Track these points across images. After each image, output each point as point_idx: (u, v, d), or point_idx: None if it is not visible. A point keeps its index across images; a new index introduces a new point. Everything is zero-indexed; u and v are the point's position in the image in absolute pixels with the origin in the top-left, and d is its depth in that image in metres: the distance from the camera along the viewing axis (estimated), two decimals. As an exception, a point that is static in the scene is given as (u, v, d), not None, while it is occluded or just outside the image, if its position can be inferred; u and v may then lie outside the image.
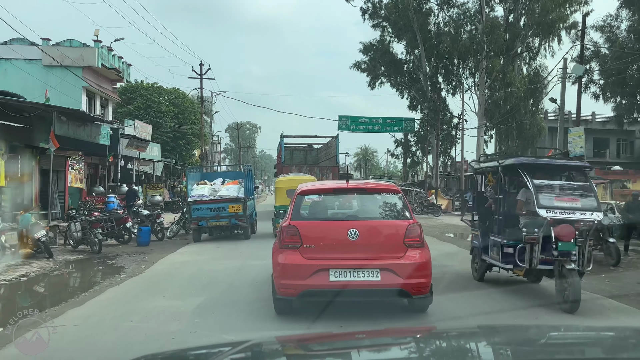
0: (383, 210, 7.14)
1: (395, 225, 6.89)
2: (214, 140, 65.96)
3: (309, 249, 6.58)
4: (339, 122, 40.85)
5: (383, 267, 6.45)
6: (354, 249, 6.54)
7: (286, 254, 6.66)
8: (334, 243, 6.64)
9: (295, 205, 7.01)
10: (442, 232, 21.47)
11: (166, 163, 34.77)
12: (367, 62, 40.53)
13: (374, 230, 6.85)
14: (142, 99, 43.22)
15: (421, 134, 40.63)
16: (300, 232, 6.64)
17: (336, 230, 6.78)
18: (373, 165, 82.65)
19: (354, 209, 7.47)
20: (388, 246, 6.72)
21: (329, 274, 6.41)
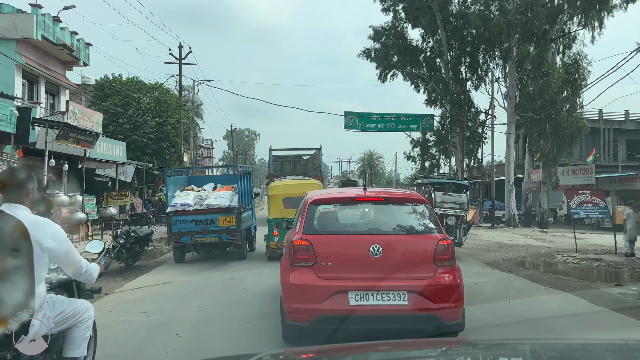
0: (409, 222, 6.13)
1: (423, 241, 5.92)
2: (205, 143, 59.11)
3: (324, 267, 5.58)
4: (345, 120, 34.33)
5: (411, 289, 5.46)
6: (377, 267, 5.55)
7: (298, 272, 5.67)
8: (354, 260, 5.64)
9: (307, 216, 5.94)
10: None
11: (139, 167, 27.86)
12: (379, 50, 33.77)
13: (400, 246, 5.86)
14: (120, 95, 36.55)
15: (442, 132, 33.76)
16: (315, 248, 5.64)
17: (356, 246, 5.76)
18: (378, 171, 75.76)
19: (375, 222, 6.25)
20: (416, 264, 5.70)
21: (349, 297, 5.40)
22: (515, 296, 9.06)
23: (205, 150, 60.04)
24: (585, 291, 9.59)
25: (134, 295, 9.45)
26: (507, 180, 33.72)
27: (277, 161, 30.08)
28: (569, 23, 32.75)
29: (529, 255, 15.90)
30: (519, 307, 8.08)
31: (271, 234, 13.18)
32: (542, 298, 9.05)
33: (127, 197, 24.22)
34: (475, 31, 32.75)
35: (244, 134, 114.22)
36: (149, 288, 10.16)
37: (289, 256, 5.91)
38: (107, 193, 24.10)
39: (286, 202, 13.16)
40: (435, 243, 5.74)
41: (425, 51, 34.98)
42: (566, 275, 11.96)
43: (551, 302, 8.74)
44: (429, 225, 6.03)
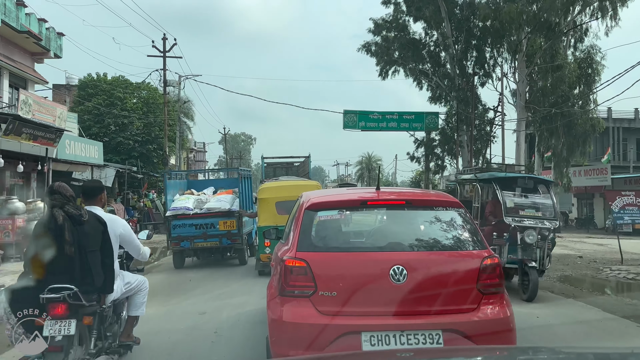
0: (440, 234, 4.52)
1: (462, 259, 4.33)
2: (197, 147, 56.43)
3: (327, 298, 4.06)
4: (344, 119, 31.80)
5: (447, 328, 4.00)
6: (401, 297, 4.05)
7: (291, 305, 4.14)
8: (369, 288, 4.11)
9: (303, 227, 4.39)
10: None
11: (120, 170, 25.20)
12: (379, 44, 31.20)
13: (431, 268, 4.24)
14: (105, 95, 33.97)
15: (447, 131, 31.20)
16: (314, 271, 4.13)
17: (371, 268, 4.19)
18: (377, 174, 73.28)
19: (395, 233, 4.61)
20: (453, 293, 4.15)
21: (362, 340, 3.92)
22: (602, 337, 6.34)
23: (197, 154, 57.36)
24: None
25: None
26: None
27: (270, 167, 30.41)
28: (581, 14, 30.43)
29: (566, 267, 13.28)
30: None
31: (262, 244, 11.50)
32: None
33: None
34: (482, 23, 30.39)
35: (240, 138, 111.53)
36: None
37: (278, 281, 4.36)
38: (81, 199, 21.38)
39: (280, 206, 11.41)
40: (479, 263, 4.27)
41: (428, 45, 32.51)
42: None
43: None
44: (468, 238, 4.51)
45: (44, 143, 14.83)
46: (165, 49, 27.69)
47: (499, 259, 4.49)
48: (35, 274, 4.38)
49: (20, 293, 4.36)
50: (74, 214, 4.50)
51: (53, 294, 4.27)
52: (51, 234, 4.41)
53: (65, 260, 4.39)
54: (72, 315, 4.33)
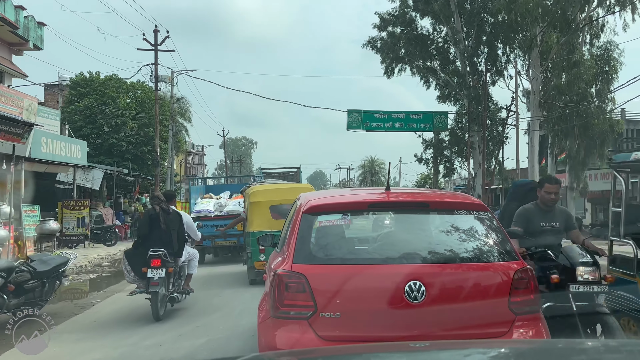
0: (463, 243, 3.76)
1: (491, 272, 3.58)
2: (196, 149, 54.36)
3: (330, 319, 3.36)
4: (348, 119, 29.78)
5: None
6: (418, 319, 3.36)
7: (286, 329, 3.44)
8: (379, 308, 3.40)
9: (300, 234, 3.65)
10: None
11: (108, 172, 23.11)
12: (385, 39, 29.17)
13: (453, 283, 3.52)
14: (97, 94, 31.94)
15: (457, 132, 29.11)
16: (313, 286, 3.41)
17: (383, 284, 3.46)
18: (380, 179, 70.99)
19: (411, 242, 3.88)
20: (481, 313, 3.47)
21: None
22: None
23: (196, 157, 55.32)
24: None
25: None
26: (530, 186, 29.05)
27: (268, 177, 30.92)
28: (598, 9, 28.47)
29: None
30: None
31: (256, 250, 10.33)
32: None
33: (87, 207, 19.43)
34: (494, 18, 28.41)
35: (241, 142, 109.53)
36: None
37: (272, 299, 3.55)
38: (62, 203, 19.32)
39: (274, 210, 10.77)
40: (511, 276, 3.48)
41: (436, 41, 30.51)
42: None
43: None
44: (497, 247, 3.69)
45: (8, 139, 12.79)
46: (156, 42, 25.62)
47: (532, 271, 3.72)
48: (144, 242, 7.70)
49: (134, 254, 7.74)
50: (165, 208, 7.82)
51: (155, 252, 7.40)
52: (153, 219, 7.75)
53: (160, 235, 7.60)
54: (163, 266, 7.35)
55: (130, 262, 7.69)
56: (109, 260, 16.23)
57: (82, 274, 13.00)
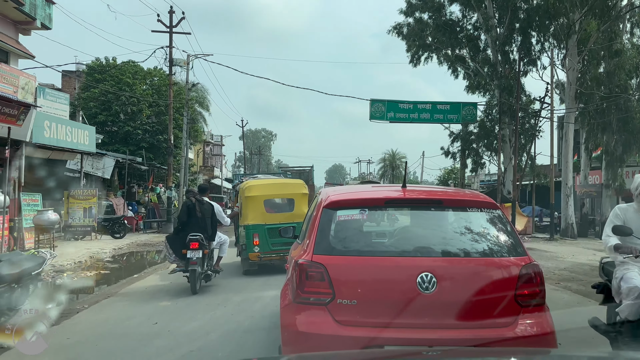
0: (474, 239, 4.05)
1: (499, 267, 3.82)
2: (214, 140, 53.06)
3: (346, 306, 3.62)
4: (371, 109, 28.14)
5: (481, 344, 3.45)
6: (429, 308, 3.59)
7: (306, 314, 3.68)
8: (393, 297, 3.67)
9: (320, 227, 3.92)
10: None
11: (120, 161, 21.82)
12: (412, 25, 27.38)
13: (463, 275, 3.78)
14: (113, 80, 30.72)
15: (486, 124, 27.24)
16: (332, 276, 3.67)
17: (397, 275, 3.74)
18: (401, 172, 69.12)
19: (424, 237, 4.19)
20: (488, 304, 3.68)
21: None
22: None
23: (214, 148, 54.01)
24: None
25: None
26: (564, 182, 27.23)
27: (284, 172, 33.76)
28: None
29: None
30: None
31: (250, 242, 10.90)
32: None
33: (94, 197, 18.12)
34: (528, 4, 26.45)
35: (260, 134, 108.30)
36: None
37: (293, 287, 3.82)
38: (69, 192, 18.03)
39: (268, 205, 11.42)
40: (517, 271, 3.70)
41: (466, 28, 28.59)
42: None
43: None
44: (506, 243, 3.94)
45: (1, 120, 11.45)
46: (171, 24, 24.19)
47: (539, 267, 3.91)
48: (183, 228, 8.93)
49: (175, 238, 9.06)
50: (199, 199, 9.26)
51: (194, 236, 8.68)
52: (190, 209, 9.08)
53: (197, 221, 8.95)
54: (200, 248, 8.69)
55: (172, 245, 8.94)
56: (113, 255, 14.88)
57: (79, 271, 11.65)
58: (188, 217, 8.97)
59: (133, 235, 20.29)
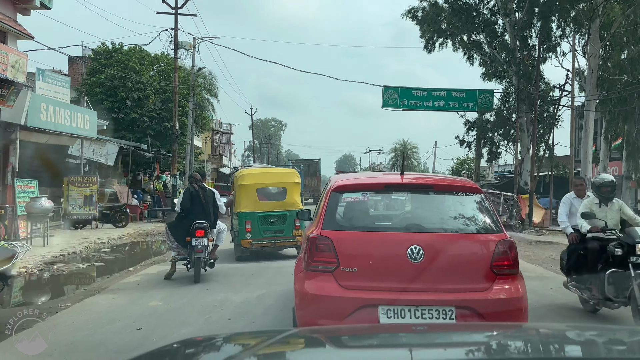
0: (458, 218, 4.71)
1: (478, 241, 4.53)
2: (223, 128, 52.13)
3: (349, 273, 4.29)
4: (383, 97, 27.08)
5: (461, 305, 4.19)
6: (417, 275, 4.26)
7: (315, 279, 4.36)
8: (387, 265, 4.34)
9: (329, 207, 4.58)
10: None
11: (124, 148, 20.96)
12: (427, 9, 26.13)
13: (447, 248, 4.43)
14: (119, 66, 29.80)
15: (503, 112, 26.03)
16: (337, 247, 4.33)
17: (390, 247, 4.40)
18: (412, 163, 67.78)
19: (415, 215, 5.01)
20: (468, 272, 4.36)
21: (379, 313, 4.15)
22: None
23: (223, 136, 53.04)
24: None
25: None
26: (582, 174, 25.95)
27: (296, 165, 35.51)
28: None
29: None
30: None
31: (243, 229, 11.19)
32: None
33: (95, 184, 17.24)
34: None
35: (270, 124, 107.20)
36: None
37: (305, 256, 4.55)
38: (68, 179, 17.16)
39: (261, 193, 11.62)
40: (494, 245, 4.38)
41: (482, 13, 27.29)
42: None
43: None
44: (486, 222, 4.60)
45: (-13, 99, 10.56)
46: (177, 5, 23.12)
47: (514, 242, 4.52)
48: (186, 216, 8.60)
49: (178, 225, 8.78)
50: (202, 186, 8.98)
51: (201, 224, 8.39)
52: (193, 196, 8.72)
53: (202, 208, 8.65)
54: (205, 235, 8.39)
55: (173, 232, 8.73)
56: (111, 246, 14.00)
57: (71, 263, 10.76)
58: (191, 204, 8.66)
59: (136, 225, 19.44)
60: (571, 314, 6.84)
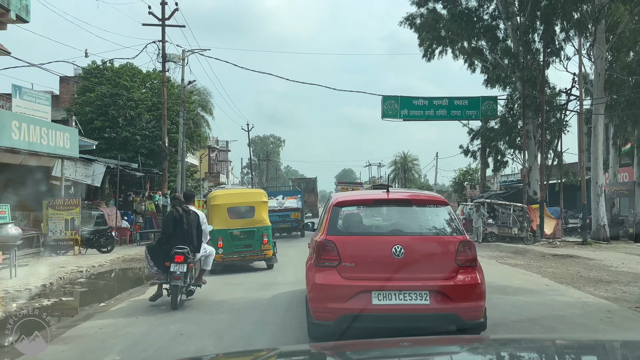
0: (431, 224, 6.05)
1: (445, 242, 5.80)
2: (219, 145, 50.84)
3: (348, 267, 5.54)
4: (383, 107, 25.86)
5: (433, 289, 5.41)
6: (400, 267, 5.49)
7: (323, 272, 5.61)
8: (377, 261, 5.61)
9: (331, 218, 5.90)
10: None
11: (111, 167, 19.60)
12: (426, 16, 24.95)
13: (422, 247, 5.78)
14: (110, 84, 28.58)
15: (508, 120, 24.70)
16: (339, 248, 5.59)
17: (379, 247, 5.70)
18: (413, 175, 66.40)
19: (398, 223, 6.22)
20: (438, 265, 5.65)
21: (372, 297, 5.37)
22: None
23: (220, 153, 51.66)
24: None
25: None
26: (593, 181, 24.52)
27: (295, 182, 40.15)
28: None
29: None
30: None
31: (215, 245, 11.25)
32: None
33: (77, 206, 15.84)
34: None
35: (269, 140, 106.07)
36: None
37: (314, 256, 5.86)
38: (48, 202, 15.75)
39: (231, 211, 12.34)
40: (457, 244, 5.63)
41: (483, 18, 26.11)
42: None
43: None
44: (451, 227, 5.89)
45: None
46: (164, 16, 21.91)
47: (472, 242, 5.80)
48: (167, 240, 8.22)
49: (158, 250, 8.33)
50: (185, 209, 8.38)
51: (180, 249, 7.97)
52: (176, 220, 8.26)
53: (183, 233, 8.21)
54: (184, 262, 7.98)
55: (153, 256, 8.35)
56: (90, 275, 12.55)
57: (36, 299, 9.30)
58: (174, 229, 8.33)
59: (124, 249, 17.98)
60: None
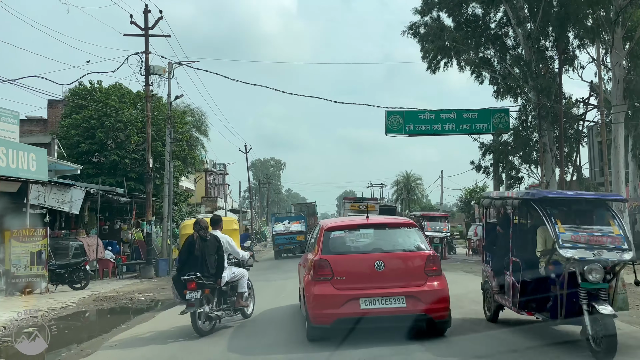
0: (404, 242, 7.56)
1: (416, 256, 7.25)
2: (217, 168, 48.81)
3: (339, 280, 6.93)
4: (387, 122, 23.95)
5: (408, 295, 6.86)
6: (381, 278, 6.96)
7: (319, 285, 7.00)
8: (362, 274, 7.03)
9: (323, 241, 7.38)
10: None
11: (91, 192, 17.56)
12: (430, 24, 23.18)
13: (398, 261, 7.24)
14: (98, 105, 26.69)
15: (521, 132, 22.71)
16: (332, 265, 7.00)
17: (364, 263, 7.17)
18: (417, 195, 64.26)
19: (377, 243, 7.62)
20: (411, 275, 7.08)
21: (360, 303, 6.79)
22: None
23: (217, 177, 49.64)
24: None
25: None
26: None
27: (297, 207, 44.38)
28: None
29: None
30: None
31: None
32: None
33: (44, 237, 13.73)
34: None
35: (269, 164, 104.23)
36: None
37: (310, 273, 7.23)
38: (11, 233, 13.65)
39: None
40: (425, 258, 7.11)
41: (490, 27, 24.35)
42: None
43: None
44: (420, 245, 7.42)
45: None
46: (147, 25, 20.02)
47: (437, 255, 7.43)
48: (182, 268, 8.35)
49: (178, 279, 8.29)
50: (202, 235, 8.40)
51: (188, 277, 8.05)
52: (191, 245, 8.36)
53: (194, 259, 8.22)
54: (198, 288, 8.02)
55: (176, 286, 8.43)
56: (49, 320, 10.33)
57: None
58: (187, 255, 8.39)
59: (102, 283, 15.81)
60: None
